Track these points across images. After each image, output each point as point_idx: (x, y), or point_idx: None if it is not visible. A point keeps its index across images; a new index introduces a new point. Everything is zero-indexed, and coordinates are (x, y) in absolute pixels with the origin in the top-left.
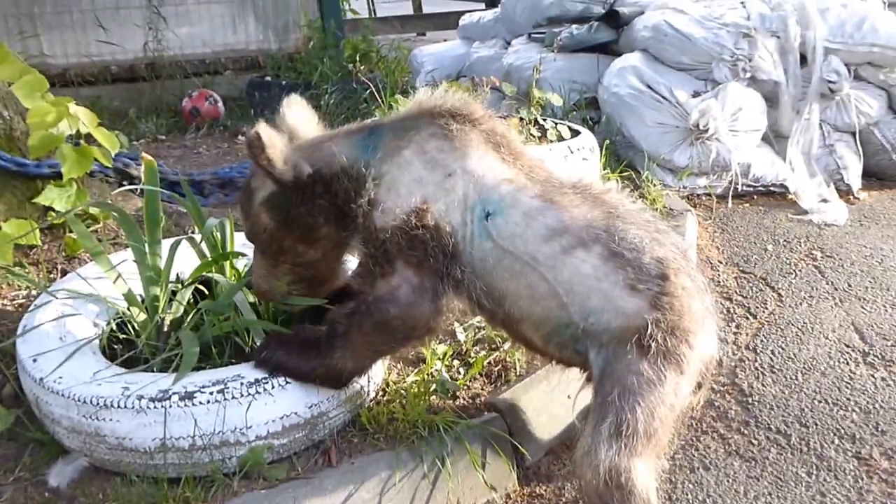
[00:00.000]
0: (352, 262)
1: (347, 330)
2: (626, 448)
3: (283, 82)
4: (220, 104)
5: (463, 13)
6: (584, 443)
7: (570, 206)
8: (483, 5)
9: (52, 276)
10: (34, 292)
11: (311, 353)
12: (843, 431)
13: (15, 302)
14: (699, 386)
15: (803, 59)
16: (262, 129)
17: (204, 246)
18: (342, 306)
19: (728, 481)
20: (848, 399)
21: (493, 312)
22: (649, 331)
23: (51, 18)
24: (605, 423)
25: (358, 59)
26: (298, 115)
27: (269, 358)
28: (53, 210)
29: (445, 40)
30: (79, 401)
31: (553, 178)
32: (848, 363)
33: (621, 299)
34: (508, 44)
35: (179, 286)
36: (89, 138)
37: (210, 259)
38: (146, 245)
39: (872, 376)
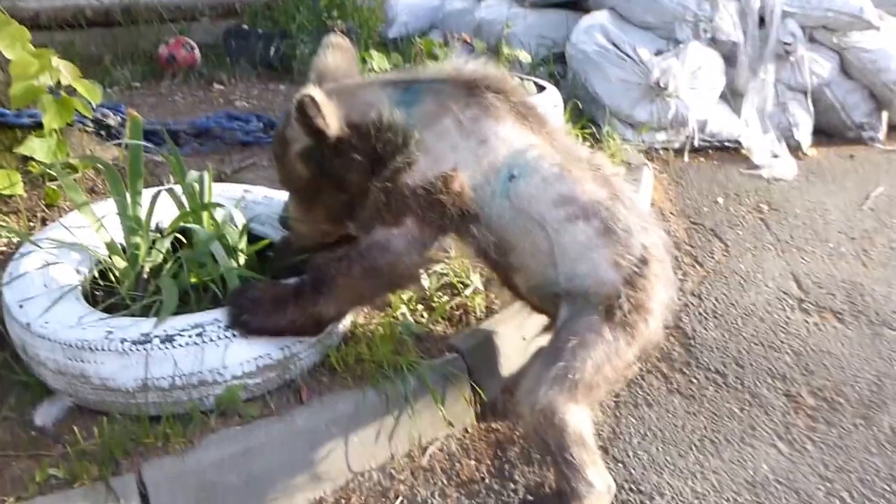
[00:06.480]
0: None
1: (335, 275)
2: (566, 392)
3: (260, 31)
4: (197, 52)
5: None
6: (527, 382)
7: (582, 179)
8: None
9: (31, 224)
10: (15, 241)
11: (286, 306)
12: (775, 372)
13: None
14: (639, 359)
15: (761, 22)
16: (315, 92)
17: (183, 197)
18: (331, 253)
19: (668, 416)
20: (782, 342)
21: (495, 262)
22: (620, 303)
23: None
24: (554, 367)
25: (334, 9)
26: (336, 59)
27: (248, 323)
28: (34, 160)
29: None
30: (64, 344)
31: (573, 149)
32: (784, 309)
33: (604, 271)
34: None
35: (159, 236)
36: (70, 88)
37: (188, 210)
38: (128, 196)
39: (806, 321)
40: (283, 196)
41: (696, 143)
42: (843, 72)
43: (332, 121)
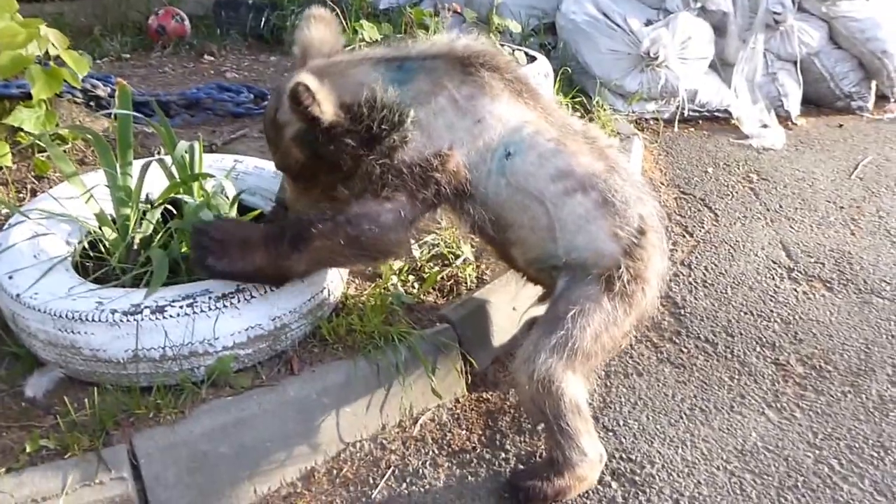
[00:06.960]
0: None
1: (316, 236)
2: (564, 360)
3: (250, 2)
4: (187, 22)
5: None
6: (525, 350)
7: (579, 153)
8: None
9: (21, 195)
10: (4, 212)
11: (254, 253)
12: (764, 340)
13: None
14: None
15: None
16: (308, 79)
17: (173, 167)
18: (315, 212)
19: (658, 385)
20: (771, 311)
21: (491, 237)
22: (619, 273)
23: None
24: (553, 336)
25: None
26: (319, 32)
27: (212, 267)
28: (23, 130)
29: None
30: (55, 315)
31: (568, 123)
32: (774, 278)
33: (603, 242)
34: None
35: (149, 206)
36: (58, 59)
37: (179, 180)
38: (118, 167)
39: (795, 290)
40: (273, 166)
41: (685, 113)
42: (832, 41)
43: (328, 107)
